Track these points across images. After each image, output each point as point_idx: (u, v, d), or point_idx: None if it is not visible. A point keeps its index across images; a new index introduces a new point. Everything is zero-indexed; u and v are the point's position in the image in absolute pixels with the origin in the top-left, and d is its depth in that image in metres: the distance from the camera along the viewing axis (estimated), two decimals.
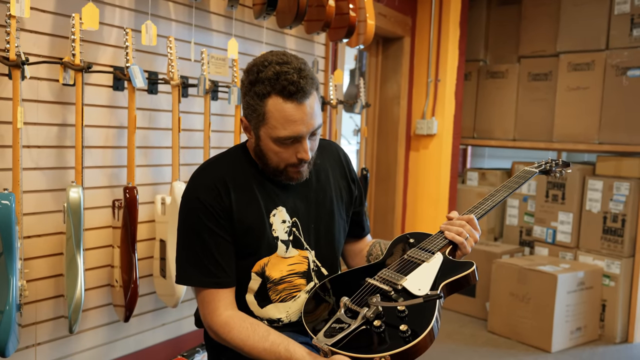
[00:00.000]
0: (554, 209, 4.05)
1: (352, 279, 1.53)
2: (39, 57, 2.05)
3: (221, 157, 1.59)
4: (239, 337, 1.42)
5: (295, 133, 1.41)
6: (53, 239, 2.15)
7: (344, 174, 1.71)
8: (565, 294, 3.53)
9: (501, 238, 4.51)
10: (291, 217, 1.55)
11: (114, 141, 2.36)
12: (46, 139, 2.12)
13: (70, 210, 1.88)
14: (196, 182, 1.51)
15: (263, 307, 1.54)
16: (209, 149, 2.48)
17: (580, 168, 3.93)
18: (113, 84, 2.32)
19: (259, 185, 1.53)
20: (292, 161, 1.46)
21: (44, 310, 2.15)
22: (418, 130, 4.37)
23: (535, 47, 4.28)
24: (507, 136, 4.45)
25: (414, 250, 1.56)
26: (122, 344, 2.46)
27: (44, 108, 2.10)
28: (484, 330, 3.86)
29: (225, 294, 1.48)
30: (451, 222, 1.58)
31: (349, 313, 1.38)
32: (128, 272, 2.10)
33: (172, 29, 2.54)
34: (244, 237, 1.49)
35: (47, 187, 2.13)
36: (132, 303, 2.10)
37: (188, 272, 1.49)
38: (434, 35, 4.31)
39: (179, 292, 2.28)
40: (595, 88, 3.90)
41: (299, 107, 1.39)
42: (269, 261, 1.52)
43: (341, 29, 3.03)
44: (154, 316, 2.58)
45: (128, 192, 2.11)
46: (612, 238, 3.75)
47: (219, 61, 2.63)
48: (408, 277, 1.45)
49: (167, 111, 2.54)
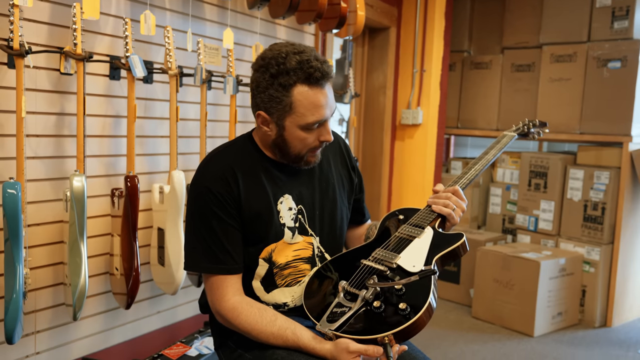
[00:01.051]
0: (536, 197, 4.16)
1: (348, 261, 1.60)
2: (37, 46, 2.06)
3: (228, 146, 1.64)
4: (247, 321, 1.48)
5: (322, 117, 1.49)
6: (52, 227, 2.18)
7: (345, 162, 1.77)
8: (548, 280, 3.65)
9: (484, 226, 4.62)
10: (297, 205, 1.61)
11: (110, 130, 2.38)
12: (45, 128, 2.14)
13: (74, 199, 1.91)
14: (205, 171, 1.56)
15: (269, 292, 1.60)
16: (205, 138, 2.52)
17: (562, 157, 4.05)
18: (109, 73, 2.34)
19: (266, 173, 1.59)
20: (315, 145, 1.54)
21: (43, 298, 2.18)
22: (403, 120, 4.44)
23: (519, 39, 4.38)
24: (491, 126, 4.55)
25: (404, 227, 1.62)
26: (119, 331, 2.49)
27: (43, 97, 2.12)
28: (469, 316, 3.97)
29: (233, 280, 1.53)
30: (437, 195, 1.66)
31: (349, 296, 1.45)
32: (129, 260, 2.14)
33: (167, 19, 2.56)
34: (252, 224, 1.54)
35: (45, 176, 2.15)
36: (134, 290, 2.14)
37: (196, 259, 1.54)
38: (419, 26, 4.38)
39: (178, 279, 2.33)
40: (577, 79, 4.01)
41: (323, 92, 1.47)
42: (275, 247, 1.58)
43: (332, 20, 3.08)
44: (150, 304, 2.62)
45: (129, 180, 2.14)
46: (592, 226, 3.88)
47: (212, 51, 2.67)
48: (401, 254, 1.52)
49: (162, 100, 2.57)
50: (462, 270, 4.19)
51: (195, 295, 2.85)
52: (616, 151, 3.84)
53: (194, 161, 2.76)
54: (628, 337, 3.68)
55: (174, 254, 2.30)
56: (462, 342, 3.50)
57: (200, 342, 2.40)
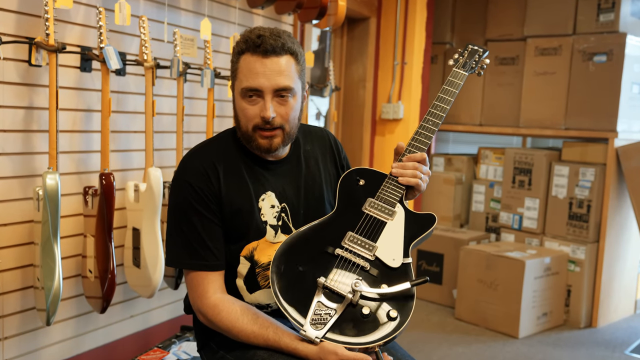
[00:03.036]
0: (520, 194, 4.27)
1: (317, 246, 1.57)
2: (5, 35, 2.06)
3: (211, 141, 1.70)
4: (227, 319, 1.51)
5: (257, 85, 1.52)
6: (20, 227, 2.17)
7: (334, 160, 1.81)
8: (533, 280, 3.75)
9: (467, 224, 4.71)
10: (280, 203, 1.65)
11: (81, 125, 2.38)
12: (12, 122, 2.14)
13: (48, 198, 1.92)
14: (186, 166, 1.61)
15: (252, 292, 1.63)
16: (182, 133, 2.53)
17: (547, 154, 4.15)
18: (80, 65, 2.34)
19: (248, 170, 1.63)
20: (257, 121, 1.55)
21: (11, 302, 2.18)
22: (384, 114, 4.50)
23: (503, 31, 4.47)
24: (474, 121, 4.64)
25: (373, 204, 1.62)
26: (92, 337, 2.50)
27: (10, 90, 2.12)
28: (452, 318, 4.05)
29: (215, 277, 1.57)
30: (403, 165, 1.66)
31: (329, 296, 1.47)
32: (104, 261, 2.15)
33: (141, 8, 2.57)
34: (233, 220, 1.59)
35: (13, 174, 2.15)
36: (109, 294, 2.16)
37: (177, 255, 1.58)
38: (400, 17, 4.44)
39: (155, 281, 2.34)
40: (562, 73, 4.12)
41: (263, 60, 1.52)
42: (257, 245, 1.62)
43: (312, 10, 3.11)
44: (123, 307, 2.63)
45: (104, 178, 2.15)
46: (577, 224, 3.99)
47: (187, 41, 2.68)
48: (378, 243, 1.55)
49: (135, 94, 2.58)
50: (444, 271, 4.27)
51: (170, 299, 2.87)
52: (602, 147, 3.96)
53: (169, 158, 2.77)
54: (614, 337, 3.80)
55: (151, 255, 2.32)
56: (445, 345, 3.58)
57: (178, 347, 2.42)
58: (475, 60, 1.81)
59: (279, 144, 1.59)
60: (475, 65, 1.82)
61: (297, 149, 1.73)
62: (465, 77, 1.77)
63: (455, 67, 1.78)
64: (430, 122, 1.70)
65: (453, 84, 1.75)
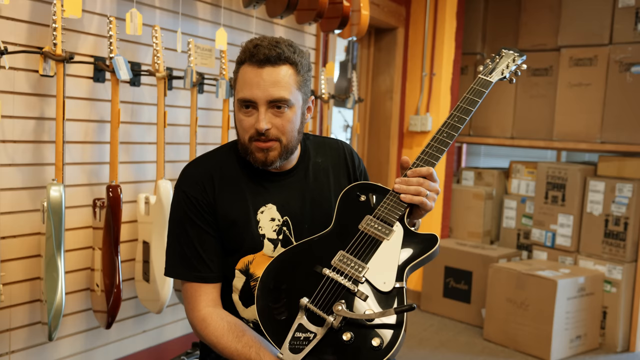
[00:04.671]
0: (553, 211, 4.13)
1: (305, 260, 1.48)
2: (16, 46, 2.06)
3: (213, 152, 1.68)
4: (214, 334, 1.49)
5: (250, 96, 1.49)
6: (29, 239, 2.16)
7: (347, 174, 1.73)
8: (565, 301, 3.61)
9: (497, 241, 4.58)
10: (282, 216, 1.60)
11: (94, 136, 2.37)
12: (23, 133, 2.13)
13: (51, 210, 1.89)
14: (184, 176, 1.60)
15: (248, 306, 1.59)
16: (195, 145, 2.50)
17: (581, 168, 4.01)
18: (94, 75, 2.33)
19: (248, 181, 1.59)
20: (252, 133, 1.51)
21: (19, 315, 2.16)
22: (411, 126, 4.42)
23: (535, 41, 4.36)
24: (505, 134, 4.52)
25: (370, 221, 1.50)
26: (101, 352, 2.47)
27: (21, 100, 2.11)
28: (480, 338, 3.93)
29: (208, 289, 1.55)
30: (406, 181, 1.52)
31: (312, 318, 1.38)
32: (110, 275, 2.12)
33: (157, 18, 2.56)
34: (228, 232, 1.56)
35: (23, 185, 2.14)
36: (114, 309, 2.12)
37: (173, 264, 1.58)
38: (429, 27, 4.36)
39: (164, 297, 2.31)
40: (598, 84, 3.98)
41: (258, 70, 1.48)
42: (253, 259, 1.57)
43: (334, 19, 3.07)
44: (135, 322, 2.60)
45: (111, 190, 2.13)
46: (614, 242, 3.83)
47: (205, 52, 2.66)
48: (369, 264, 1.42)
49: (150, 105, 2.56)
50: (473, 289, 4.15)
51: (184, 314, 2.83)
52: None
53: None
54: None
55: (160, 269, 2.28)
56: None
57: None
58: (507, 66, 1.66)
59: (275, 157, 1.53)
60: (507, 71, 1.66)
61: (306, 161, 1.68)
62: (492, 84, 1.63)
63: (482, 73, 1.64)
64: (444, 133, 1.57)
65: (476, 92, 1.61)
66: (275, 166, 1.56)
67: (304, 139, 1.70)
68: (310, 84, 1.60)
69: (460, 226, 4.61)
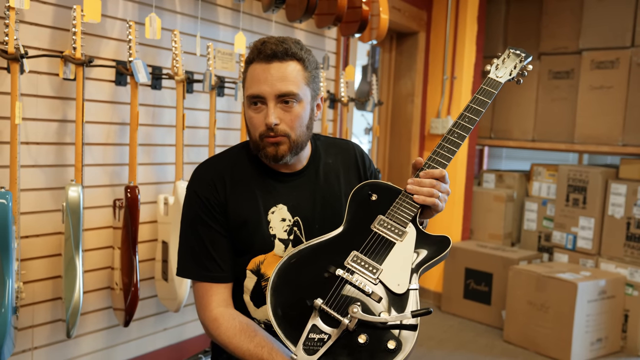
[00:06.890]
0: (574, 213, 4.01)
1: (317, 260, 1.43)
2: (39, 50, 2.05)
3: (224, 153, 1.64)
4: (225, 334, 1.45)
5: (259, 91, 1.45)
6: (52, 239, 2.16)
7: (358, 175, 1.69)
8: (586, 303, 3.50)
9: (518, 243, 4.48)
10: (293, 216, 1.56)
11: (115, 138, 2.36)
12: (45, 135, 2.13)
13: (69, 210, 1.88)
14: (196, 176, 1.57)
15: (259, 307, 1.55)
16: (214, 147, 2.48)
17: (603, 171, 3.89)
18: (115, 79, 2.32)
19: (259, 182, 1.56)
20: (262, 129, 1.48)
21: (41, 313, 2.16)
22: (432, 129, 4.35)
23: (557, 44, 4.25)
24: (526, 137, 4.42)
25: (383, 221, 1.46)
26: (122, 349, 2.46)
27: (44, 103, 2.11)
28: (500, 340, 3.84)
29: (220, 289, 1.52)
30: (419, 182, 1.48)
31: (326, 319, 1.33)
32: (128, 274, 2.10)
33: (177, 22, 2.54)
34: (239, 232, 1.52)
35: (45, 186, 2.14)
36: (132, 307, 2.11)
37: (184, 264, 1.55)
38: (450, 31, 4.29)
39: (181, 295, 2.28)
40: (620, 87, 3.86)
41: (266, 66, 1.46)
42: (265, 259, 1.53)
43: (353, 23, 3.02)
44: (155, 320, 2.58)
45: (129, 191, 2.11)
46: (636, 245, 3.71)
47: (225, 56, 2.63)
48: (383, 265, 1.39)
49: (171, 107, 2.54)
50: (493, 290, 4.06)
51: None
52: None
53: None
54: None
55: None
56: None
57: None
58: (515, 66, 1.62)
59: (285, 151, 1.49)
60: (515, 72, 1.62)
61: (317, 162, 1.63)
62: (501, 85, 1.59)
63: (491, 74, 1.60)
64: (455, 134, 1.53)
65: (486, 93, 1.57)
66: (286, 161, 1.51)
67: (314, 140, 1.66)
68: (319, 81, 1.57)
69: (481, 228, 4.52)
